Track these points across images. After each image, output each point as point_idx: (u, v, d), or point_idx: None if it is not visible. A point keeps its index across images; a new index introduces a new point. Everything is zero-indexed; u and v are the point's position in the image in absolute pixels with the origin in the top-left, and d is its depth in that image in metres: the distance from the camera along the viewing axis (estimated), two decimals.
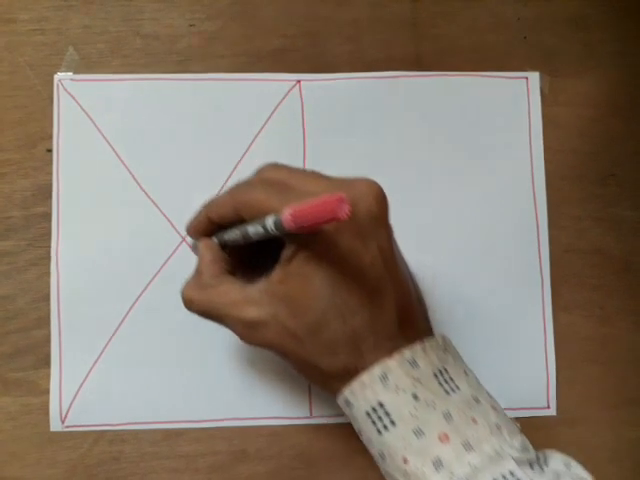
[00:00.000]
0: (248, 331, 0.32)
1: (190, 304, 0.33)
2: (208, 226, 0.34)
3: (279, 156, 0.41)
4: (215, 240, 0.34)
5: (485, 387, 0.32)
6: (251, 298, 0.31)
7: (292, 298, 0.30)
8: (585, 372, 0.42)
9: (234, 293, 0.32)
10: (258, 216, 0.30)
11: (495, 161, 0.42)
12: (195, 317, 0.40)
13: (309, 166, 0.42)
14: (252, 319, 0.31)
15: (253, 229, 0.30)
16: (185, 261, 0.40)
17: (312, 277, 0.30)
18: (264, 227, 0.29)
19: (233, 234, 0.33)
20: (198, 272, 0.34)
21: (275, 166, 0.32)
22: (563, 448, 0.41)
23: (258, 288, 0.31)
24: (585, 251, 0.42)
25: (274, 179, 0.31)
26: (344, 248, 0.29)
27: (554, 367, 0.41)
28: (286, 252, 0.30)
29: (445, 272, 0.41)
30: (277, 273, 0.31)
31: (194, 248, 0.36)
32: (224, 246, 0.34)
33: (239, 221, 0.32)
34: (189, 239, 0.40)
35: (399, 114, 0.42)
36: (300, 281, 0.30)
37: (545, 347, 0.41)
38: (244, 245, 0.33)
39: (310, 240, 0.29)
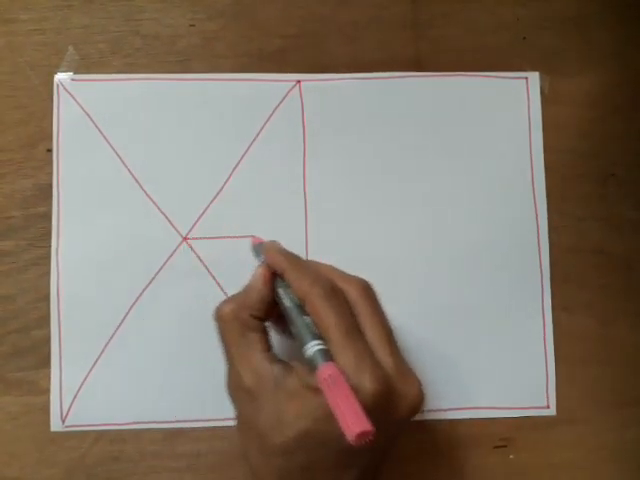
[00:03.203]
0: (235, 386, 0.32)
1: (219, 321, 0.33)
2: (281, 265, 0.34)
3: (279, 156, 0.42)
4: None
5: (485, 387, 0.32)
6: (262, 374, 0.31)
7: (285, 413, 0.29)
8: (585, 372, 0.42)
9: (256, 356, 0.31)
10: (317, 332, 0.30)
11: (495, 161, 0.43)
12: (195, 317, 0.40)
13: (309, 166, 0.42)
14: (249, 388, 0.31)
15: (299, 327, 0.31)
16: (185, 261, 0.41)
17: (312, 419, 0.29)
18: (301, 339, 0.30)
19: (285, 301, 0.33)
20: (245, 297, 0.33)
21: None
22: (562, 448, 0.41)
23: (272, 372, 0.31)
24: (586, 251, 0.42)
25: (344, 322, 0.30)
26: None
27: (553, 367, 0.41)
28: (311, 380, 0.30)
29: (445, 272, 0.41)
30: (293, 382, 0.30)
31: (256, 254, 0.36)
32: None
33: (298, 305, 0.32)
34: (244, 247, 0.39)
35: (399, 114, 0.42)
36: (300, 408, 0.29)
37: (545, 346, 0.42)
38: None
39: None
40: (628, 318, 0.42)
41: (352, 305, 0.32)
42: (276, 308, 0.33)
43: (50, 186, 0.41)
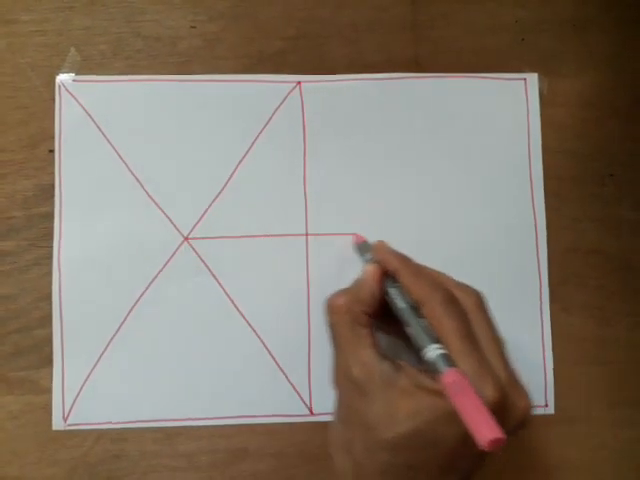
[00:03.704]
0: (343, 377, 0.32)
1: (332, 313, 0.34)
2: (394, 266, 0.35)
3: (280, 157, 0.42)
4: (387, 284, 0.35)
5: None
6: (372, 369, 0.32)
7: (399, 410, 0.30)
8: (584, 372, 0.42)
9: (366, 351, 0.32)
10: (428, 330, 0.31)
11: (494, 162, 0.43)
12: (196, 317, 0.40)
13: (309, 166, 0.42)
14: (358, 381, 0.31)
15: (417, 329, 0.32)
16: (186, 261, 0.41)
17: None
18: (420, 342, 0.31)
19: (398, 302, 0.34)
20: (358, 292, 0.35)
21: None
22: (560, 447, 0.42)
23: (382, 368, 0.31)
24: (584, 251, 0.43)
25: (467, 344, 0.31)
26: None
27: (552, 366, 0.42)
28: (432, 384, 0.30)
29: (444, 272, 0.42)
30: (404, 380, 0.31)
31: (360, 252, 0.38)
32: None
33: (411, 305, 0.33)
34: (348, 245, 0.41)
35: (398, 115, 0.42)
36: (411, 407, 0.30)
37: (543, 346, 0.42)
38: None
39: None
40: (626, 318, 0.42)
41: (467, 314, 0.32)
42: (382, 307, 0.34)
43: (52, 186, 0.41)
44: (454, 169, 0.42)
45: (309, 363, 0.40)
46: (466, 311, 0.32)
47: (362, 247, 0.39)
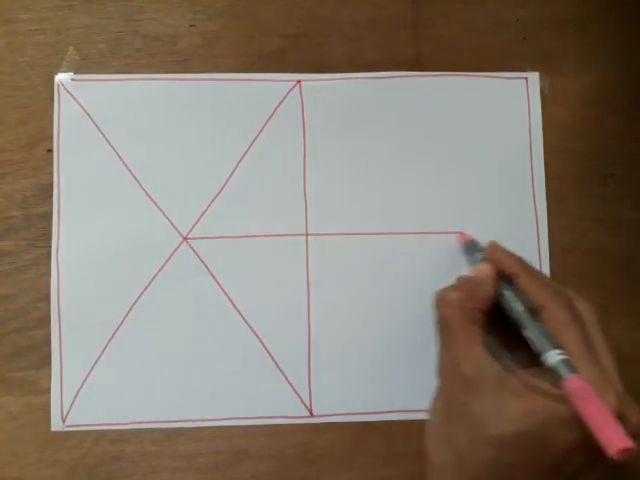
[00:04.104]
0: (451, 372, 0.33)
1: (444, 307, 0.34)
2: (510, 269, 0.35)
3: (279, 156, 0.42)
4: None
5: None
6: (483, 366, 0.32)
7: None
8: None
9: (478, 348, 0.32)
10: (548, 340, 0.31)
11: (495, 161, 0.43)
12: (195, 317, 0.40)
13: (309, 166, 0.42)
14: (468, 376, 0.31)
15: (538, 333, 0.32)
16: (185, 261, 0.41)
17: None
18: (540, 346, 0.31)
19: (516, 305, 0.34)
20: (474, 290, 0.35)
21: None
22: None
23: (494, 367, 0.32)
24: (585, 251, 0.42)
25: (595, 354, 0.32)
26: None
27: None
28: (547, 387, 0.30)
29: (444, 272, 0.41)
30: (516, 381, 0.31)
31: (467, 251, 0.39)
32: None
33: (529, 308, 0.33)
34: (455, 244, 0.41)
35: (399, 114, 0.42)
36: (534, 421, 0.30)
37: None
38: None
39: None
40: (627, 318, 0.42)
41: (585, 322, 0.33)
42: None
43: (50, 186, 0.41)
44: (455, 168, 0.42)
45: (309, 364, 0.40)
46: (584, 320, 0.33)
47: (469, 246, 0.39)
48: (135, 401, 0.40)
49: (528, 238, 0.42)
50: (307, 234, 0.41)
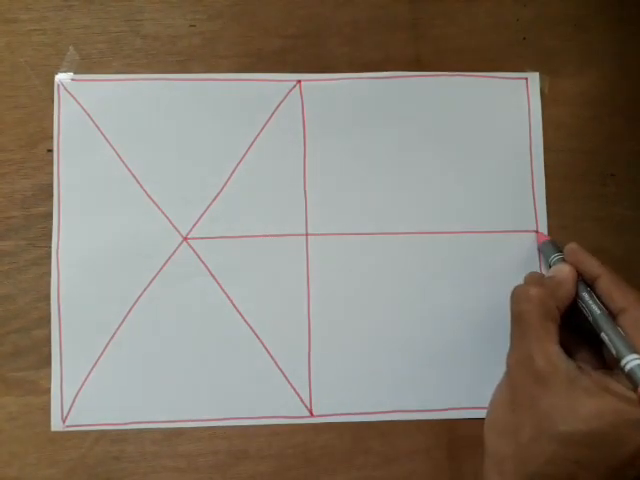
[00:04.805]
0: (522, 365, 0.33)
1: (524, 301, 0.35)
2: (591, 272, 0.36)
3: (280, 156, 0.42)
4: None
5: (486, 387, 0.33)
6: (557, 364, 0.32)
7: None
8: None
9: (553, 346, 0.33)
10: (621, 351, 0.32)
11: (495, 161, 0.43)
12: (196, 317, 0.40)
13: (309, 166, 0.42)
14: (539, 371, 0.32)
15: (617, 336, 0.33)
16: (186, 261, 0.41)
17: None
18: (618, 349, 0.32)
19: (594, 307, 0.35)
20: (555, 288, 0.35)
21: None
22: None
23: (567, 366, 0.32)
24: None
25: None
26: None
27: None
28: (622, 389, 0.31)
29: (445, 272, 0.42)
30: (588, 381, 0.32)
31: (545, 252, 0.40)
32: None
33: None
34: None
35: (399, 114, 0.42)
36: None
37: None
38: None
39: None
40: None
41: None
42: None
43: (50, 186, 0.41)
44: (455, 168, 0.42)
45: (309, 364, 0.40)
46: None
47: (547, 246, 0.40)
48: (135, 401, 0.40)
49: (529, 237, 0.42)
50: (307, 234, 0.41)
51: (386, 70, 0.42)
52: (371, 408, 0.40)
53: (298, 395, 0.40)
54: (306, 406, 0.40)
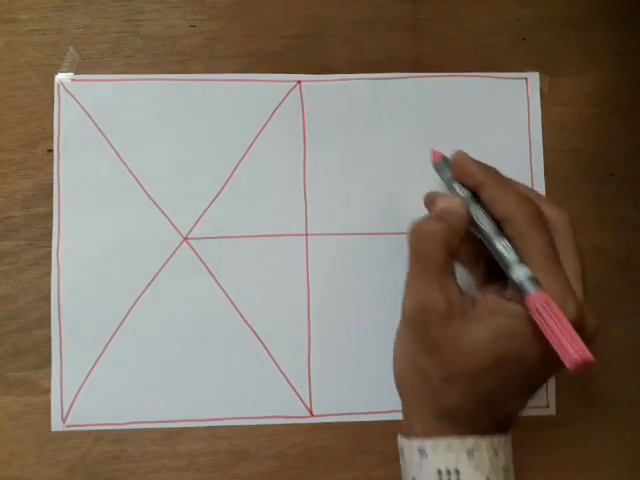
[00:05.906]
0: (425, 309, 0.31)
1: (424, 239, 0.32)
2: (476, 181, 0.33)
3: (279, 156, 0.42)
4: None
5: None
6: (455, 302, 0.31)
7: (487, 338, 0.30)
8: (585, 372, 0.42)
9: (453, 284, 0.32)
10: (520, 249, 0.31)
11: (495, 161, 0.42)
12: (196, 317, 0.40)
13: (309, 166, 0.42)
14: (442, 314, 0.31)
15: (502, 249, 0.31)
16: (186, 261, 0.41)
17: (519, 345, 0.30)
18: (504, 262, 0.31)
19: (482, 222, 0.33)
20: (453, 222, 0.33)
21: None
22: (562, 447, 0.42)
23: (464, 302, 0.31)
24: (585, 251, 0.42)
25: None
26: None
27: None
28: (512, 307, 0.31)
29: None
30: (481, 311, 0.31)
31: (439, 170, 0.36)
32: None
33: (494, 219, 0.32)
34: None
35: (399, 115, 0.42)
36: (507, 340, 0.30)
37: None
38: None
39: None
40: (627, 318, 0.42)
41: (553, 232, 0.32)
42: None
43: (50, 186, 0.41)
44: None
45: (309, 364, 0.40)
46: (552, 228, 0.32)
47: (441, 164, 0.36)
48: (135, 401, 0.40)
49: None
50: (307, 234, 0.41)
51: (387, 71, 0.42)
52: (371, 408, 0.40)
53: (298, 395, 0.40)
54: (306, 406, 0.40)
